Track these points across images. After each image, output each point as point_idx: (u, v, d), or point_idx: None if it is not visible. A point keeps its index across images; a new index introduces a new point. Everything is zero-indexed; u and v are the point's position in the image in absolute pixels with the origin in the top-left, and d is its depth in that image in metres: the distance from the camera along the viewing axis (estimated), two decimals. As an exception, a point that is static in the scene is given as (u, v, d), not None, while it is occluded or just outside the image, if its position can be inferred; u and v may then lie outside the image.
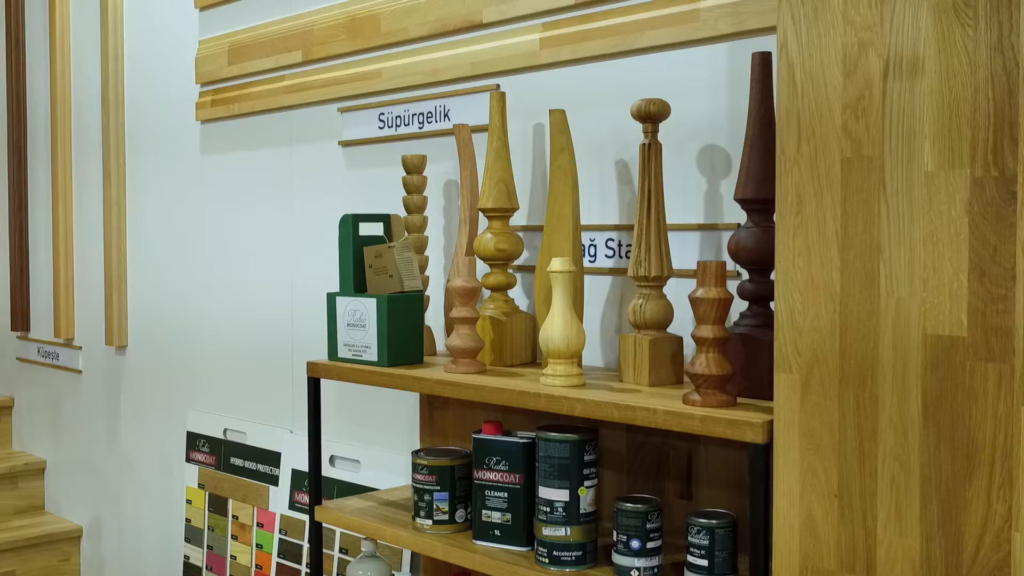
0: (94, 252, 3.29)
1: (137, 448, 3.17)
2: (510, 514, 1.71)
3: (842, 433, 1.26)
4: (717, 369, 1.44)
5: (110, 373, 3.27)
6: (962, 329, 1.16)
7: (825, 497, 1.27)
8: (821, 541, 1.28)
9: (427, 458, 1.84)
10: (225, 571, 2.75)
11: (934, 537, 1.18)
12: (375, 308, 1.89)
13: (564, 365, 1.64)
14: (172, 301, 3.00)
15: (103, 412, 3.31)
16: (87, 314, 3.36)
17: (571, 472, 1.61)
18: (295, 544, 2.52)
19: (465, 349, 1.81)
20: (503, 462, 1.72)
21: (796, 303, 1.29)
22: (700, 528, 1.47)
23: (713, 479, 1.71)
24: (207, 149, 2.86)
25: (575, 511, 1.61)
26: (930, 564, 1.19)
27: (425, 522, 1.83)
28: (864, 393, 1.24)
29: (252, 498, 2.69)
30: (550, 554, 1.62)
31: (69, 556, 3.42)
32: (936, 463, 1.18)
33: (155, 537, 3.10)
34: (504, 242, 1.89)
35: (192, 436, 2.89)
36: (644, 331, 1.64)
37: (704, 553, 1.46)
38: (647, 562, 1.54)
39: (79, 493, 3.46)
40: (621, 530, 1.55)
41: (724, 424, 1.37)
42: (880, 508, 1.23)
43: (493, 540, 1.73)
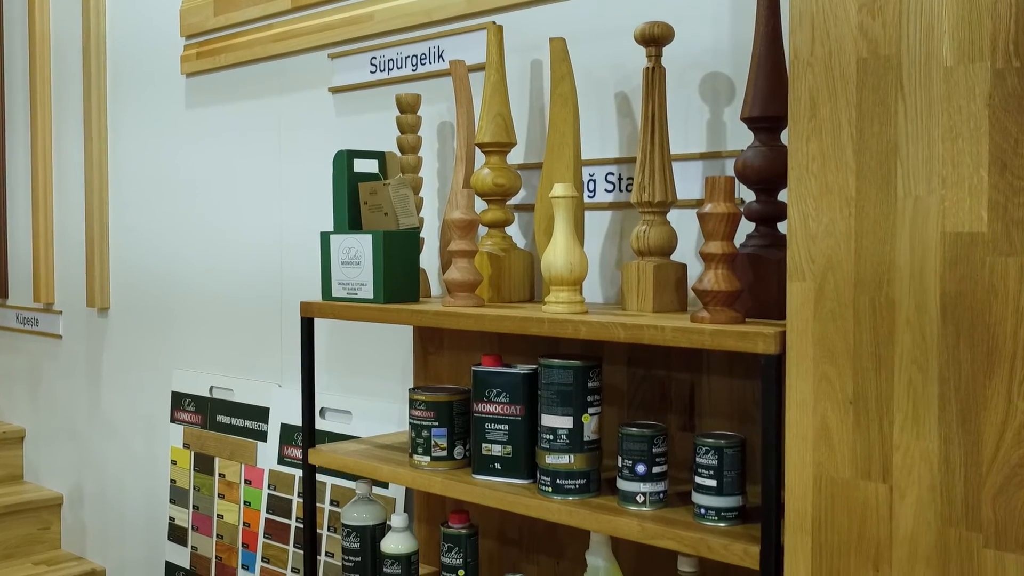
0: (75, 213, 3.23)
1: (120, 412, 3.11)
2: (510, 447, 1.68)
3: (857, 339, 1.24)
4: (726, 285, 1.42)
5: (91, 337, 3.22)
6: (982, 225, 1.14)
7: (840, 405, 1.25)
8: (835, 450, 1.26)
9: (425, 394, 1.81)
10: (212, 531, 2.71)
11: (953, 438, 1.17)
12: (370, 245, 1.85)
13: (567, 292, 1.61)
14: (156, 260, 2.95)
15: (84, 377, 3.26)
16: (67, 278, 3.30)
17: (575, 399, 1.59)
18: (284, 499, 2.48)
19: (463, 282, 1.78)
20: (503, 394, 1.69)
21: (810, 210, 1.27)
22: (708, 448, 1.45)
23: (716, 410, 1.69)
24: (192, 103, 2.81)
25: (579, 439, 1.59)
26: (948, 466, 1.17)
27: (423, 459, 1.80)
28: (880, 297, 1.22)
29: (239, 455, 2.64)
30: (553, 483, 1.60)
31: (50, 524, 3.36)
32: (955, 363, 1.16)
33: (139, 501, 3.05)
34: (502, 177, 1.86)
35: (177, 396, 2.84)
36: (648, 257, 1.62)
37: (712, 473, 1.44)
38: (653, 487, 1.52)
39: (59, 461, 3.40)
40: (626, 455, 1.53)
41: (735, 337, 1.35)
42: (897, 412, 1.21)
43: (493, 474, 1.70)
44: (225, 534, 2.67)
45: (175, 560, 2.82)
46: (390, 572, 1.85)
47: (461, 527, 1.79)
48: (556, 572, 1.93)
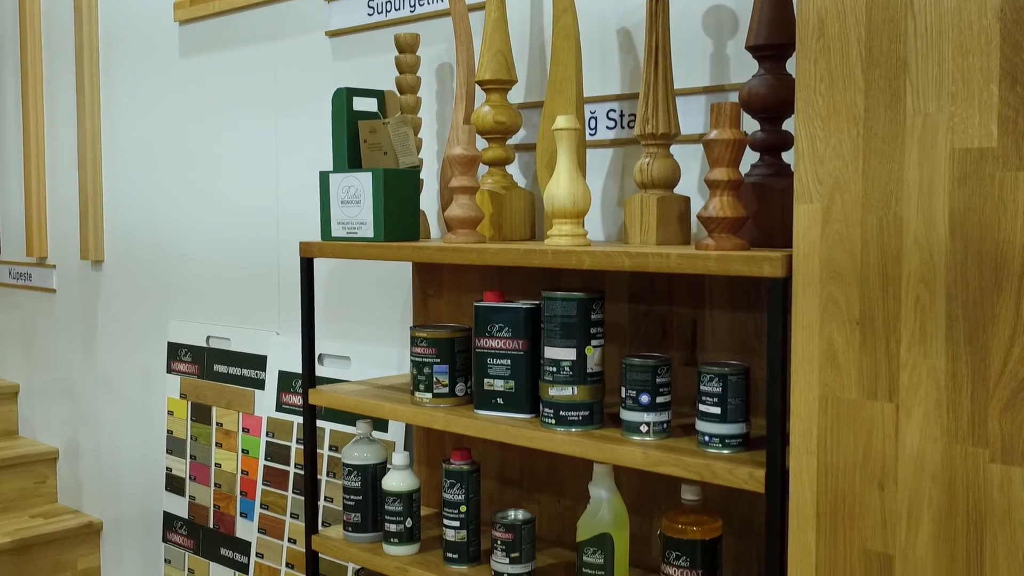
0: (68, 165, 3.21)
1: (115, 364, 3.11)
2: (513, 381, 1.68)
3: (864, 259, 1.24)
4: (731, 212, 1.41)
5: (86, 290, 3.20)
6: (992, 140, 1.14)
7: (846, 325, 1.25)
8: (842, 371, 1.26)
9: (426, 331, 1.81)
10: (209, 480, 2.71)
11: (960, 355, 1.17)
12: (370, 183, 1.84)
13: (570, 225, 1.61)
14: (151, 210, 2.93)
15: (79, 331, 3.24)
16: (60, 231, 3.28)
17: (578, 331, 1.58)
18: (283, 446, 2.48)
19: (465, 219, 1.77)
20: (506, 329, 1.69)
21: (817, 131, 1.26)
22: (713, 375, 1.45)
23: (719, 345, 1.69)
24: (186, 51, 2.78)
25: (582, 370, 1.59)
26: (955, 383, 1.17)
27: (424, 395, 1.80)
28: (888, 216, 1.21)
29: (237, 404, 2.64)
30: (556, 415, 1.60)
31: (46, 478, 3.35)
32: (963, 279, 1.16)
33: (135, 453, 3.04)
34: (502, 114, 1.85)
35: (173, 347, 2.84)
36: (651, 190, 1.61)
37: (717, 401, 1.44)
38: (656, 417, 1.52)
39: (54, 415, 3.39)
40: (630, 386, 1.53)
41: (741, 261, 1.35)
42: (904, 331, 1.21)
43: (496, 409, 1.70)
44: (223, 483, 2.67)
45: (173, 510, 2.82)
46: (391, 509, 1.86)
47: (463, 464, 1.79)
48: (557, 511, 1.93)
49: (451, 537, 1.79)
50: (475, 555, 1.80)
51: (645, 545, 1.79)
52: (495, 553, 1.71)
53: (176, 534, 2.81)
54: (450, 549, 1.80)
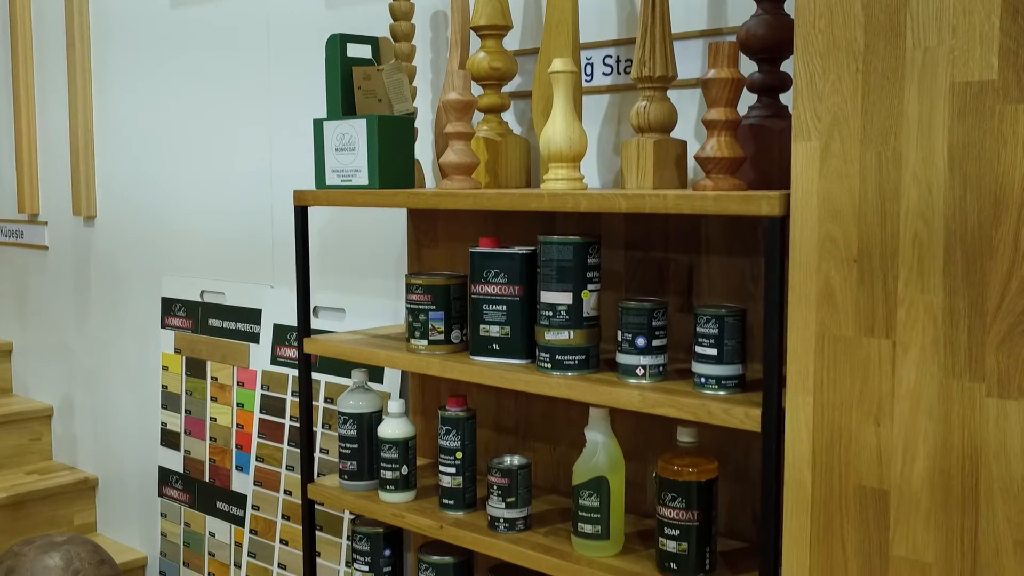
0: (58, 121, 3.18)
1: (109, 320, 3.10)
2: (509, 327, 1.68)
3: (862, 196, 1.23)
4: (729, 152, 1.41)
5: (78, 246, 3.18)
6: (992, 72, 1.13)
7: (844, 263, 1.25)
8: (839, 308, 1.26)
9: (422, 278, 1.80)
10: (205, 434, 2.71)
11: (957, 290, 1.17)
12: (364, 129, 1.83)
13: (566, 169, 1.60)
14: (143, 165, 2.91)
15: (72, 288, 3.23)
16: (52, 187, 3.26)
17: (574, 274, 1.58)
18: (278, 399, 2.48)
19: (460, 164, 1.76)
20: (502, 274, 1.68)
21: (816, 67, 1.26)
22: (709, 317, 1.45)
23: (715, 290, 1.69)
24: (177, 2, 2.75)
25: (578, 314, 1.58)
26: (953, 318, 1.17)
27: (420, 342, 1.79)
28: (887, 152, 1.21)
29: (232, 358, 2.64)
30: (552, 359, 1.60)
31: (40, 435, 3.35)
32: (961, 214, 1.16)
33: (130, 408, 3.04)
34: (498, 60, 1.83)
35: (167, 302, 2.83)
36: (648, 134, 1.60)
37: (713, 342, 1.44)
38: (653, 360, 1.52)
39: (48, 373, 3.38)
40: (626, 329, 1.53)
41: (738, 201, 1.34)
42: (901, 267, 1.21)
43: (491, 355, 1.70)
44: (218, 436, 2.68)
45: (168, 465, 2.83)
46: (387, 457, 1.86)
47: (459, 410, 1.79)
48: (553, 458, 1.94)
49: (447, 483, 1.80)
50: (471, 501, 1.81)
51: (640, 491, 1.80)
52: (491, 498, 1.71)
53: (172, 488, 2.82)
54: (446, 495, 1.80)
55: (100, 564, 2.53)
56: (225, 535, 2.66)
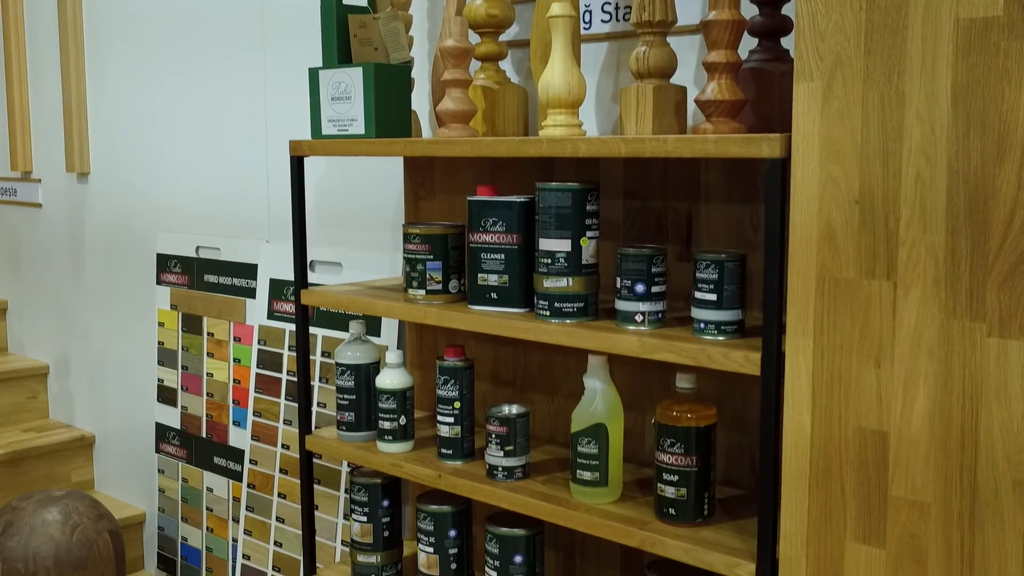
0: (50, 78, 3.14)
1: (104, 278, 3.08)
2: (507, 276, 1.67)
3: (865, 136, 1.22)
4: (730, 95, 1.39)
5: (72, 203, 3.17)
6: (997, 8, 1.12)
7: (845, 205, 1.24)
8: (840, 250, 1.25)
9: (419, 227, 1.79)
10: (202, 390, 2.71)
11: (960, 229, 1.16)
12: (361, 78, 1.81)
13: (565, 115, 1.58)
14: (136, 120, 2.89)
15: (67, 245, 3.22)
16: (45, 144, 3.23)
17: (573, 221, 1.57)
18: (275, 353, 2.48)
19: (457, 112, 1.74)
20: (500, 223, 1.67)
21: (819, 6, 1.24)
22: (709, 262, 1.44)
23: (714, 238, 1.68)
24: (169, -45, 2.72)
25: (577, 261, 1.58)
26: (955, 257, 1.17)
27: (418, 292, 1.79)
28: (890, 91, 1.20)
29: (228, 313, 2.63)
30: (551, 306, 1.59)
31: (37, 393, 3.35)
32: (964, 153, 1.15)
33: (127, 365, 3.04)
34: (495, 7, 1.81)
35: (162, 258, 2.81)
36: (647, 79, 1.58)
37: (713, 287, 1.44)
38: (651, 306, 1.52)
39: (44, 331, 3.37)
40: (625, 275, 1.52)
41: (739, 143, 1.33)
42: (903, 208, 1.20)
43: (490, 304, 1.69)
44: (215, 392, 2.68)
45: (165, 421, 2.83)
46: (385, 407, 1.86)
47: (457, 360, 1.79)
48: (551, 410, 1.94)
49: (445, 433, 1.80)
50: (469, 451, 1.81)
51: (639, 441, 1.80)
52: (489, 447, 1.71)
53: (169, 444, 2.82)
54: (444, 445, 1.80)
55: (99, 518, 2.53)
56: (223, 490, 2.66)
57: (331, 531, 2.31)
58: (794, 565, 1.32)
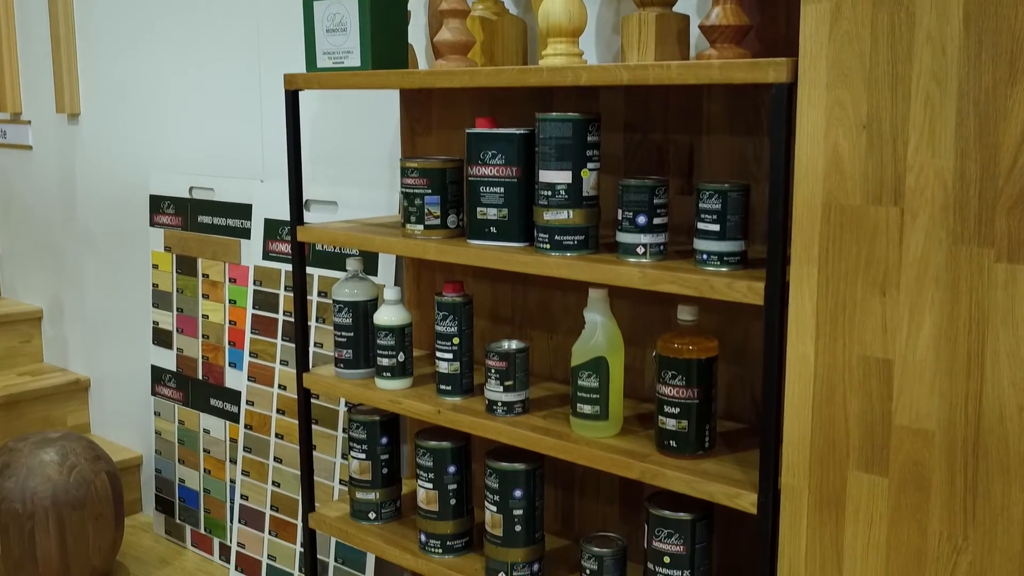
0: (38, 15, 3.08)
1: (97, 220, 3.05)
2: (507, 209, 1.65)
3: (873, 60, 1.20)
4: (735, 19, 1.36)
5: (63, 145, 3.12)
6: (1013, -76, 1.09)
7: (852, 130, 1.22)
8: (847, 176, 1.23)
9: (417, 161, 1.76)
10: (197, 331, 2.70)
11: (969, 153, 1.14)
12: (356, 8, 1.77)
13: (565, 44, 1.55)
14: (127, 59, 2.84)
15: (58, 188, 3.18)
16: (34, 85, 3.18)
17: (574, 152, 1.55)
18: (271, 294, 2.46)
19: (455, 43, 1.71)
20: (499, 155, 1.65)
21: (828, -75, 1.21)
22: (712, 192, 1.42)
23: (716, 171, 1.66)
24: None
25: (577, 193, 1.56)
26: (964, 182, 1.15)
27: (416, 227, 1.77)
28: (900, 12, 1.17)
29: (223, 254, 2.61)
30: (551, 239, 1.57)
31: (31, 337, 3.34)
32: (976, 74, 1.13)
33: (121, 307, 3.02)
34: (494, -64, 1.77)
35: (155, 199, 2.78)
36: (649, 7, 1.55)
37: (716, 218, 1.42)
38: (653, 238, 1.50)
39: (36, 275, 3.35)
40: (627, 207, 1.50)
41: (744, 68, 1.30)
42: (912, 132, 1.18)
43: (489, 238, 1.67)
44: (211, 334, 2.66)
45: (161, 364, 2.81)
46: (384, 344, 1.85)
47: (455, 296, 1.77)
48: (550, 347, 1.93)
49: (444, 369, 1.79)
50: (468, 387, 1.80)
51: (639, 377, 1.79)
52: (488, 382, 1.70)
53: (165, 387, 2.81)
54: (443, 381, 1.79)
55: (96, 459, 2.53)
56: (220, 431, 2.66)
57: (329, 471, 2.31)
58: (796, 495, 1.32)
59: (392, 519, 1.99)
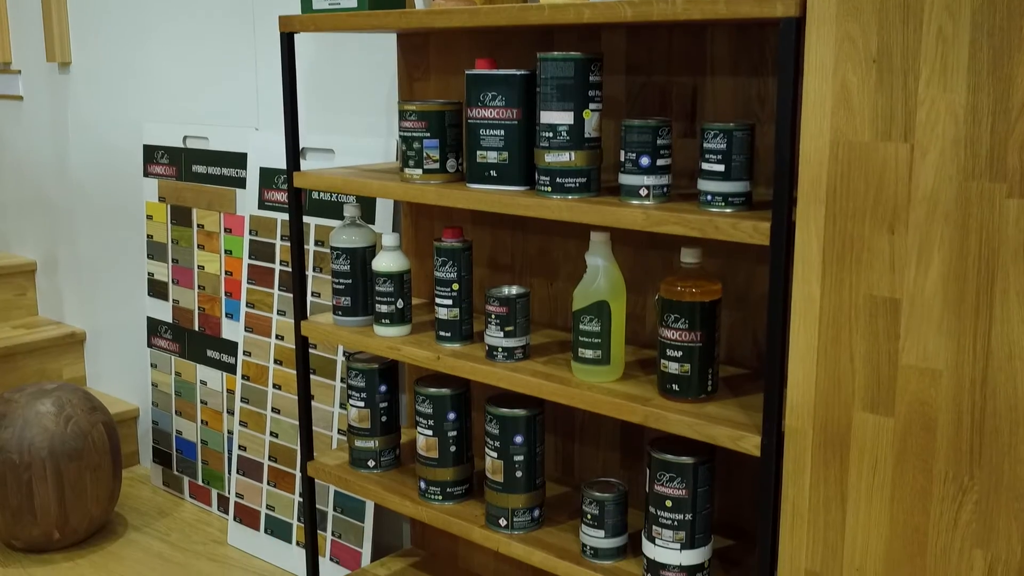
0: (27, -38, 3.03)
1: (89, 172, 3.02)
2: (507, 152, 1.63)
3: (885, -9, 1.17)
4: (742, -47, 1.33)
5: (54, 95, 3.08)
6: None
7: (862, 64, 1.19)
8: (855, 112, 1.21)
9: (416, 104, 1.73)
10: (193, 282, 2.68)
11: (982, 87, 1.12)
12: (353, -52, 1.73)
13: (567, -18, 1.52)
14: (117, 6, 2.79)
15: (50, 139, 3.14)
16: (24, 33, 3.13)
17: (576, 93, 1.52)
18: (267, 243, 2.44)
19: (455, -17, 1.67)
20: (499, 97, 1.62)
21: None
22: (717, 132, 1.39)
23: (720, 113, 1.63)
24: None
25: (579, 134, 1.53)
26: (975, 117, 1.13)
27: (415, 172, 1.74)
28: (913, -59, 1.14)
29: (218, 204, 2.58)
30: (553, 182, 1.55)
31: (25, 291, 3.31)
32: (990, 5, 1.10)
33: (115, 259, 3.00)
34: None
35: (149, 149, 2.75)
36: (653, -56, 1.52)
37: (721, 158, 1.40)
38: (657, 180, 1.48)
39: (29, 228, 3.32)
40: (630, 148, 1.48)
41: (752, 3, 1.27)
42: (923, 66, 1.15)
43: (489, 182, 1.65)
44: (207, 285, 2.64)
45: (157, 315, 2.80)
46: (382, 291, 1.83)
47: (455, 241, 1.75)
48: (550, 294, 1.91)
49: (443, 316, 1.77)
50: (468, 334, 1.78)
51: (640, 323, 1.78)
52: (489, 328, 1.69)
53: (161, 339, 2.79)
54: (442, 328, 1.78)
55: (92, 410, 2.52)
56: (217, 383, 2.65)
57: (327, 421, 2.31)
58: (800, 436, 1.31)
59: (391, 467, 1.98)
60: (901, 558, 1.25)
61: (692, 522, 1.49)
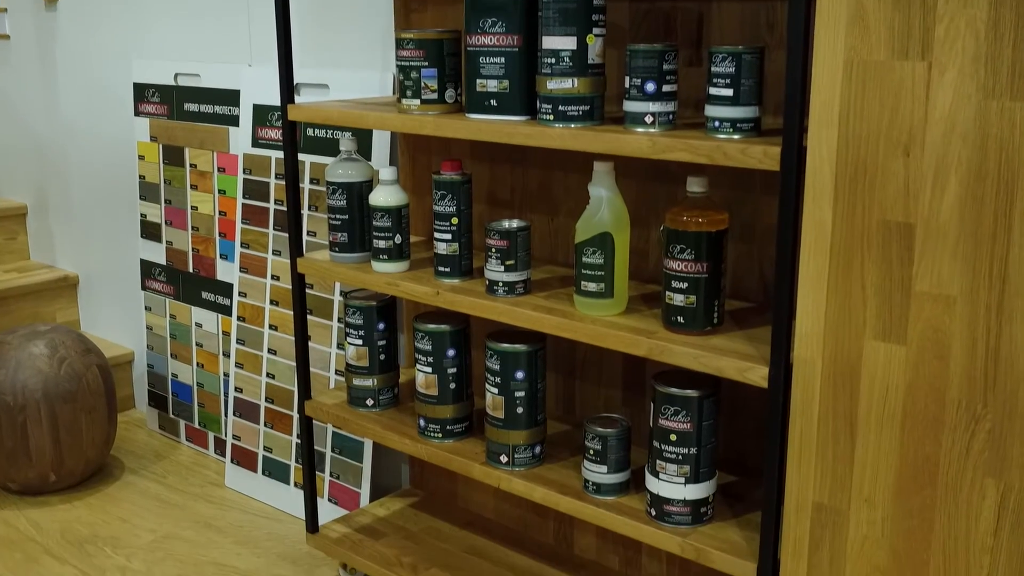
0: None
1: (79, 112, 2.96)
2: (508, 81, 1.58)
3: (904, -98, 1.12)
4: None
5: (42, 33, 3.01)
6: None
7: (879, -21, 1.15)
8: (871, 30, 1.16)
9: (413, 32, 1.68)
10: (186, 223, 2.63)
11: (1004, 0, 1.07)
12: None
13: (570, -100, 1.46)
14: (105, -60, 2.72)
15: (38, 78, 3.07)
16: (9, -30, 3.05)
17: (579, 16, 1.47)
18: (261, 182, 2.39)
19: (453, -96, 1.61)
20: (499, 23, 1.57)
21: None
22: (725, 55, 1.35)
23: (727, 41, 1.58)
24: None
25: (583, 60, 1.48)
26: (997, 31, 1.08)
27: (412, 102, 1.70)
28: None
29: (211, 143, 2.53)
30: (555, 110, 1.51)
31: (16, 234, 3.26)
32: (1015, -86, 1.06)
33: (107, 201, 2.95)
34: None
35: (140, 87, 2.69)
36: None
37: (729, 82, 1.35)
38: (662, 106, 1.43)
39: (19, 170, 3.26)
40: (635, 73, 1.43)
41: (764, -83, 1.23)
42: (943, -21, 1.11)
43: (489, 111, 1.61)
44: (200, 225, 2.60)
45: (150, 257, 2.76)
46: (380, 226, 1.79)
47: (454, 174, 1.71)
48: (550, 229, 1.88)
49: (442, 251, 1.74)
50: (467, 269, 1.75)
51: (643, 258, 1.74)
52: (489, 262, 1.65)
53: (155, 281, 2.76)
54: (441, 263, 1.74)
55: (86, 352, 2.49)
56: (212, 325, 2.62)
57: (324, 361, 2.28)
58: (809, 367, 1.29)
59: (390, 406, 1.96)
60: (911, 488, 1.23)
61: (697, 456, 1.47)
